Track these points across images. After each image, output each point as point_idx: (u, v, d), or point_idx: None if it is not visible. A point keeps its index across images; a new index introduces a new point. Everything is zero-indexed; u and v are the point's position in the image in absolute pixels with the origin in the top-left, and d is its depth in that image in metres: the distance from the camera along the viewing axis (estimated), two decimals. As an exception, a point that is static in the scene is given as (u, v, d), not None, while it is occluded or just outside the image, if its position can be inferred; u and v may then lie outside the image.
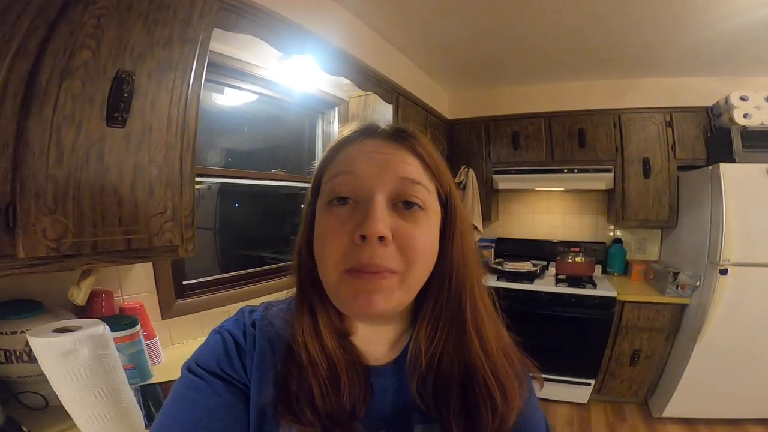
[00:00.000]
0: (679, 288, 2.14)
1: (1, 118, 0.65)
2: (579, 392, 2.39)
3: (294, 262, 0.45)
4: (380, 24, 1.81)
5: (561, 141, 2.61)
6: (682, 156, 2.38)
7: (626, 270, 2.69)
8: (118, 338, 0.96)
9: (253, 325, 0.45)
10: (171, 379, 1.01)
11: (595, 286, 2.34)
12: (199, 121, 0.99)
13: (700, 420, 2.16)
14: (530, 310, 2.38)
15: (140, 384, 1.00)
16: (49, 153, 0.71)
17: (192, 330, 1.37)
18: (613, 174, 2.50)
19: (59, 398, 0.72)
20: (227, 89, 1.65)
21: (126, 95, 0.80)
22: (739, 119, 2.07)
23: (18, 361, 0.84)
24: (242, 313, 0.48)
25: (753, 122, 2.06)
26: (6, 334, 0.83)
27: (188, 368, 0.42)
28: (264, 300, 0.51)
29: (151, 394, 0.97)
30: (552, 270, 2.70)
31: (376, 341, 0.45)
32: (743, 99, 2.09)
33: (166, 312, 1.30)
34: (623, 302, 2.23)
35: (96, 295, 1.06)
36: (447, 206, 0.43)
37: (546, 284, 2.45)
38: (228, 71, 1.52)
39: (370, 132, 0.43)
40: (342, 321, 0.43)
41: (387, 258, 0.36)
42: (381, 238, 0.36)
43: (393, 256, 0.37)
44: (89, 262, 0.80)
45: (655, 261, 2.64)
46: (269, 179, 1.89)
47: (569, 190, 2.84)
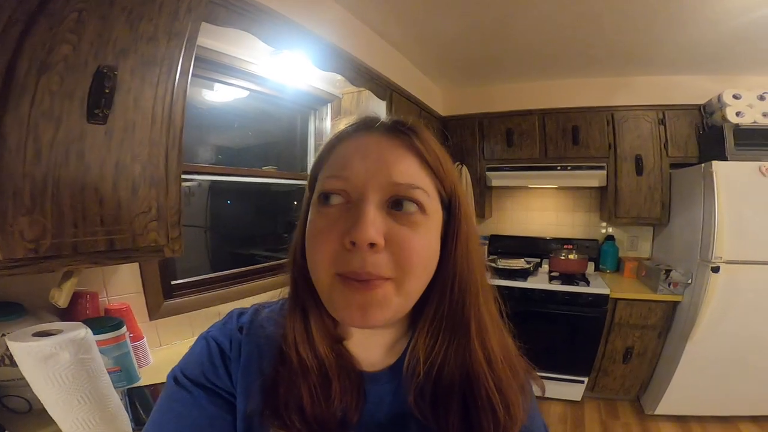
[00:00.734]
0: (672, 285, 2.15)
1: (-24, 114, 0.63)
2: (572, 390, 2.40)
3: (289, 260, 0.43)
4: (373, 19, 1.78)
5: (554, 138, 2.61)
6: (675, 154, 2.39)
7: (618, 267, 2.70)
8: (103, 341, 0.93)
9: (241, 330, 0.44)
10: (160, 382, 0.98)
11: (588, 284, 2.35)
12: (187, 118, 0.96)
13: (692, 417, 2.18)
14: (524, 308, 2.38)
15: (127, 387, 0.97)
16: (26, 150, 0.68)
17: (182, 331, 1.35)
18: (606, 171, 2.50)
19: (42, 403, 0.70)
20: (217, 85, 1.62)
21: (107, 91, 0.77)
22: (732, 117, 2.08)
23: (0, 365, 0.81)
24: (230, 317, 0.47)
25: (745, 120, 2.07)
26: (-15, 338, 0.81)
27: (174, 378, 0.41)
28: (255, 300, 0.50)
29: (139, 397, 0.95)
30: (545, 267, 2.71)
31: (372, 346, 0.43)
32: (736, 97, 2.10)
33: (154, 313, 1.27)
34: (616, 300, 2.24)
35: (80, 297, 1.03)
36: (450, 207, 0.40)
37: (539, 281, 2.45)
38: (217, 66, 1.49)
39: (367, 126, 0.40)
40: (335, 324, 0.41)
41: (379, 265, 0.34)
42: (372, 245, 0.33)
43: (386, 263, 0.34)
44: (70, 264, 0.78)
45: (647, 258, 2.66)
46: (261, 176, 1.86)
47: (562, 187, 2.84)
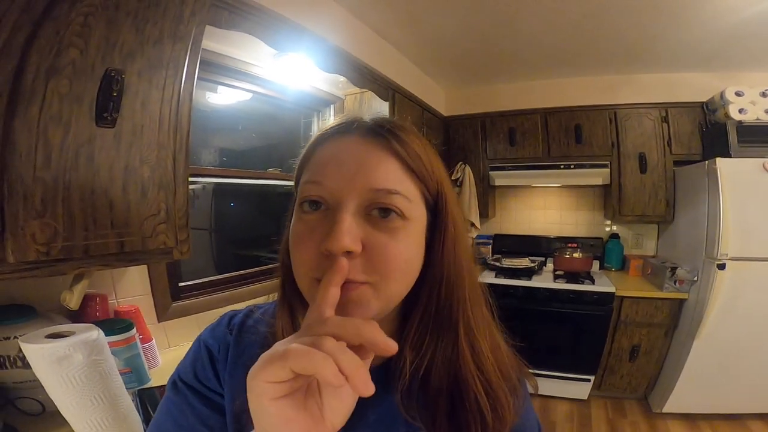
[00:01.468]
0: (677, 283, 2.14)
1: (-14, 119, 0.64)
2: (579, 389, 2.39)
3: (279, 262, 0.43)
4: (375, 20, 1.79)
5: (557, 137, 2.61)
6: (678, 151, 2.38)
7: (623, 265, 2.69)
8: (114, 342, 0.94)
9: (231, 331, 0.45)
10: (168, 383, 0.99)
11: (593, 282, 2.34)
12: (192, 120, 0.97)
13: (701, 415, 2.16)
14: (528, 307, 2.38)
15: (138, 388, 0.98)
16: (37, 154, 0.69)
17: (189, 332, 1.36)
18: (610, 169, 2.50)
19: (56, 404, 0.71)
20: (221, 88, 1.63)
21: (115, 94, 0.78)
22: (735, 114, 2.08)
23: (12, 367, 0.82)
24: (221, 320, 0.48)
25: (748, 117, 2.07)
26: (-1, 340, 0.81)
27: (172, 382, 0.44)
28: (261, 302, 0.50)
29: (149, 399, 0.95)
30: (550, 266, 2.71)
31: None
32: (738, 94, 2.09)
33: (162, 314, 1.28)
34: (621, 298, 2.23)
35: (90, 299, 1.04)
36: (436, 209, 0.39)
37: (544, 280, 2.45)
38: (221, 69, 1.50)
39: (346, 129, 0.39)
40: None
41: (354, 271, 0.33)
42: (349, 252, 0.33)
43: (362, 269, 0.34)
44: (81, 266, 0.78)
45: (653, 256, 2.65)
46: (265, 178, 1.87)
47: (566, 186, 2.84)
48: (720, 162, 1.97)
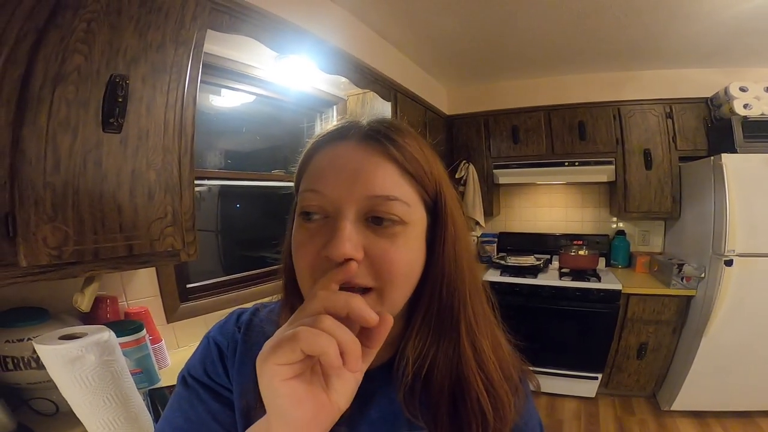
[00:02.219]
0: (685, 280, 2.12)
1: (-4, 126, 0.65)
2: (586, 386, 2.38)
3: (281, 263, 0.44)
4: (376, 21, 1.80)
5: (561, 134, 2.59)
6: (683, 147, 2.36)
7: (630, 262, 2.67)
8: (125, 343, 0.96)
9: (239, 329, 0.46)
10: (177, 383, 1.01)
11: (600, 279, 2.33)
12: (197, 123, 0.99)
13: (710, 413, 2.14)
14: (535, 305, 2.37)
15: (148, 388, 1.00)
16: (46, 160, 0.71)
17: (197, 333, 1.37)
18: (615, 166, 2.48)
19: (70, 404, 0.73)
20: (224, 90, 1.65)
21: (121, 100, 0.79)
22: (740, 110, 2.05)
23: (26, 368, 0.84)
24: (230, 317, 0.49)
25: (753, 112, 2.05)
26: (13, 342, 0.83)
27: (182, 377, 0.45)
28: (262, 302, 0.51)
29: (160, 399, 0.97)
30: (555, 264, 2.69)
31: None
32: (743, 90, 2.07)
33: (171, 315, 1.30)
34: (628, 295, 2.22)
35: (101, 301, 1.06)
36: (436, 210, 0.39)
37: (550, 278, 2.44)
38: (224, 72, 1.52)
39: (342, 134, 0.39)
40: None
41: (358, 277, 0.34)
42: (350, 260, 0.33)
43: (364, 275, 0.34)
44: (92, 269, 0.80)
45: (659, 253, 2.63)
46: (269, 180, 1.89)
47: (571, 183, 2.82)
48: (726, 158, 1.95)
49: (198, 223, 1.00)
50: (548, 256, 2.74)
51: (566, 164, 2.57)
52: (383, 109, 2.02)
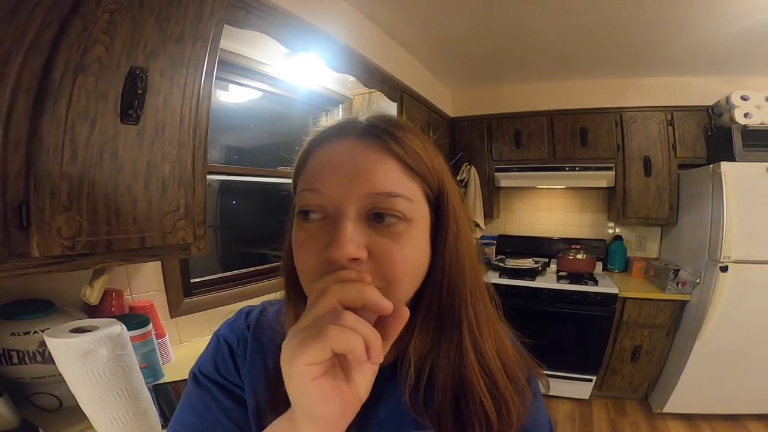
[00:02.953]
0: (680, 285, 2.16)
1: (14, 115, 0.64)
2: (580, 388, 2.42)
3: (282, 264, 0.43)
4: (385, 21, 1.80)
5: (563, 139, 2.62)
6: (683, 154, 2.40)
7: (626, 267, 2.71)
8: (132, 338, 0.93)
9: (248, 328, 0.45)
10: (182, 378, 1.00)
11: (597, 283, 2.36)
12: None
13: (700, 415, 2.19)
14: (532, 307, 2.39)
15: (153, 383, 0.99)
16: (64, 150, 0.70)
17: (200, 328, 1.37)
18: (615, 172, 2.52)
19: (78, 400, 0.72)
20: (231, 86, 1.63)
21: (140, 92, 0.78)
22: (740, 118, 2.09)
23: (31, 362, 0.83)
24: (239, 315, 0.48)
25: (753, 121, 2.08)
26: (18, 335, 0.82)
27: (193, 375, 0.44)
28: (269, 299, 0.50)
29: (163, 394, 0.96)
30: (553, 267, 2.73)
31: None
32: (744, 98, 2.11)
33: (174, 310, 1.29)
34: (624, 299, 2.25)
35: (106, 294, 1.04)
36: (438, 205, 0.38)
37: (547, 281, 2.46)
38: (233, 68, 1.51)
39: (340, 131, 0.37)
40: None
41: (366, 275, 0.33)
42: (355, 260, 0.32)
43: (370, 274, 0.33)
44: (103, 261, 0.79)
45: (655, 258, 2.67)
46: (275, 176, 1.88)
47: (570, 188, 2.85)
48: (725, 166, 1.99)
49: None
50: (546, 260, 2.77)
51: (567, 169, 2.60)
52: (389, 110, 2.02)
